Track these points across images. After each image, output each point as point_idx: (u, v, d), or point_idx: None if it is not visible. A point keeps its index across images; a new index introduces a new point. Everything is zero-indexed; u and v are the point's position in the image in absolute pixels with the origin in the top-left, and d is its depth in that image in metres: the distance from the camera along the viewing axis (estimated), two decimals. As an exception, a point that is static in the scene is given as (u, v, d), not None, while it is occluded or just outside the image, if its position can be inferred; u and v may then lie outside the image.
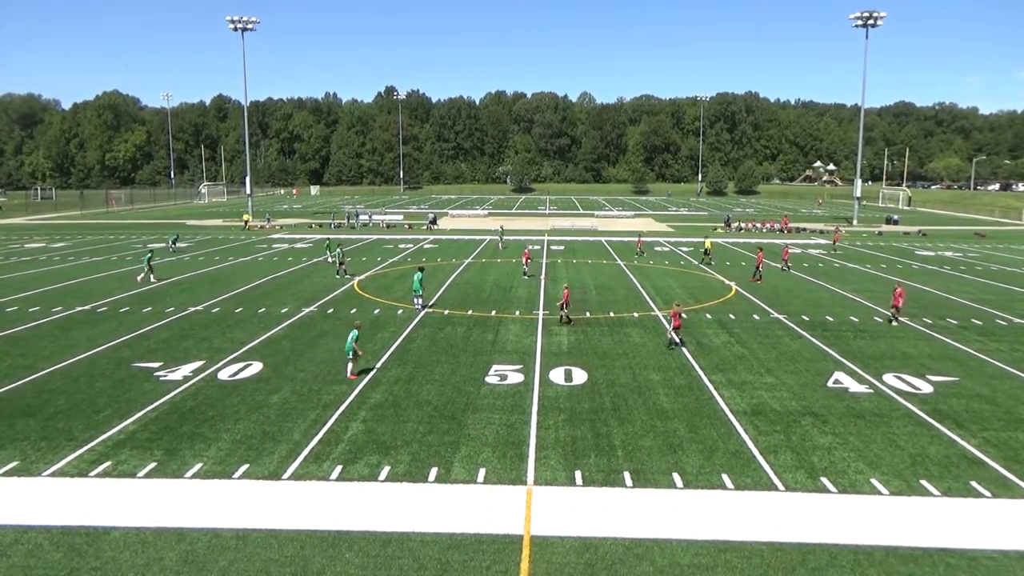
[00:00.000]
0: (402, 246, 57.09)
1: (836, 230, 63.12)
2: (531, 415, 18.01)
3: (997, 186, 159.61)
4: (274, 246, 57.06)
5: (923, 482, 14.40)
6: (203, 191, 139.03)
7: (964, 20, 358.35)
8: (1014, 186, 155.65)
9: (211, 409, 18.24)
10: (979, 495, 13.90)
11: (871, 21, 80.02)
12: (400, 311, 30.62)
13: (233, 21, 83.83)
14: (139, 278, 37.78)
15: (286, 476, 14.40)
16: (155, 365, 22.11)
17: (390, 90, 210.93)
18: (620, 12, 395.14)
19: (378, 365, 22.36)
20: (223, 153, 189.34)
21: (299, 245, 57.22)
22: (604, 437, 16.62)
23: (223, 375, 21.19)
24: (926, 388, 20.47)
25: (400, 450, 15.74)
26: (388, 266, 45.21)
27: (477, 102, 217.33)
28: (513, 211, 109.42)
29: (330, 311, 30.65)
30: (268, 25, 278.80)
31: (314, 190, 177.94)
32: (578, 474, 14.60)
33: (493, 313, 30.31)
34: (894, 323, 28.78)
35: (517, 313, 30.39)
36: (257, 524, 12.44)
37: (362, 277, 40.04)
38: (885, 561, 11.50)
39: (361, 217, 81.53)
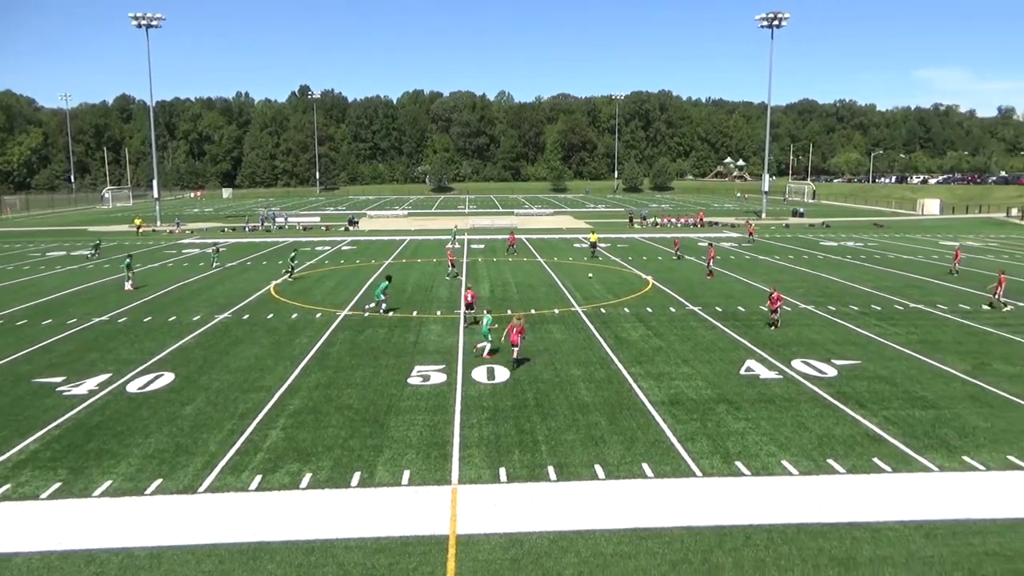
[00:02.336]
0: (320, 248, 56.01)
1: (747, 223, 65.49)
2: (455, 415, 17.98)
3: (893, 179, 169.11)
4: (184, 251, 55.04)
5: (830, 461, 15.12)
6: (107, 196, 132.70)
7: (863, 22, 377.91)
8: (909, 179, 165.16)
9: (120, 424, 17.45)
10: (881, 471, 14.69)
11: (776, 22, 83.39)
12: (319, 315, 30.04)
13: (137, 18, 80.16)
14: (127, 287, 36.41)
15: (202, 489, 13.92)
16: (57, 380, 20.98)
17: (304, 89, 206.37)
18: (536, 11, 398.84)
19: (297, 371, 21.88)
20: (128, 156, 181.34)
21: (210, 250, 55.35)
22: (528, 433, 16.75)
23: (132, 387, 20.31)
24: (831, 372, 21.48)
25: (322, 456, 15.45)
26: (305, 269, 44.26)
27: (395, 101, 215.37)
28: (433, 211, 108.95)
29: (245, 317, 29.79)
30: (174, 22, 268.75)
31: (226, 193, 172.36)
32: (503, 471, 14.68)
33: (415, 314, 30.11)
34: (771, 318, 30.01)
35: (439, 313, 30.27)
36: (172, 541, 11.98)
37: (278, 281, 39.08)
38: (796, 538, 12.02)
39: (277, 220, 79.53)
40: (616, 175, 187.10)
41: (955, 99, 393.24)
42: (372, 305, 30.76)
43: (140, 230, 72.37)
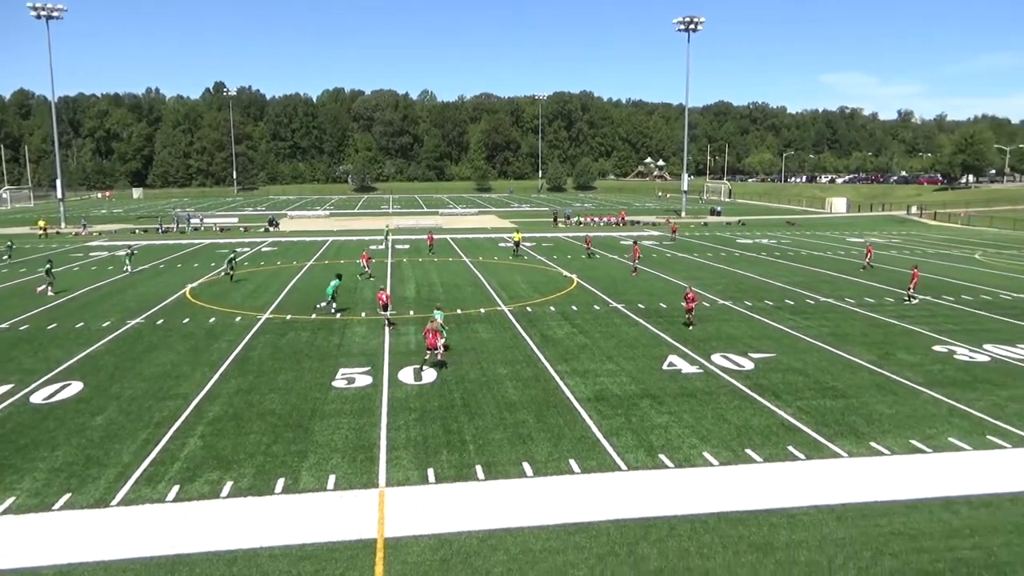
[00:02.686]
0: (238, 250, 54.31)
1: (667, 221, 67.12)
2: (381, 417, 17.78)
3: (804, 178, 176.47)
4: (92, 254, 52.50)
5: (748, 451, 15.66)
6: (4, 196, 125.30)
7: (774, 28, 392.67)
8: (818, 178, 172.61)
9: (23, 437, 16.52)
10: (795, 458, 15.32)
11: (692, 26, 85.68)
12: (238, 318, 29.18)
13: (36, 8, 75.78)
14: (44, 291, 34.51)
15: (115, 502, 13.32)
16: (-48, 392, 19.69)
17: (219, 86, 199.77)
18: (457, 11, 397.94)
19: (215, 377, 21.19)
20: (27, 154, 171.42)
21: (120, 253, 52.96)
22: (455, 433, 16.72)
23: (36, 398, 19.25)
24: (748, 365, 22.25)
25: (243, 464, 15.01)
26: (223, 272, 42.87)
27: (315, 100, 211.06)
28: (356, 211, 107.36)
29: (160, 322, 28.66)
30: (77, 13, 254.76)
31: (136, 193, 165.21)
32: (431, 472, 14.60)
33: (338, 316, 29.59)
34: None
35: (363, 315, 29.86)
36: (83, 557, 11.42)
37: (195, 284, 37.74)
38: (717, 527, 12.40)
39: (192, 221, 76.77)
40: (540, 175, 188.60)
41: (859, 102, 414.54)
42: (323, 304, 30.33)
43: (45, 232, 68.57)
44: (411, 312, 30.37)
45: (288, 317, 29.32)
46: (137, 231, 71.88)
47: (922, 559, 11.43)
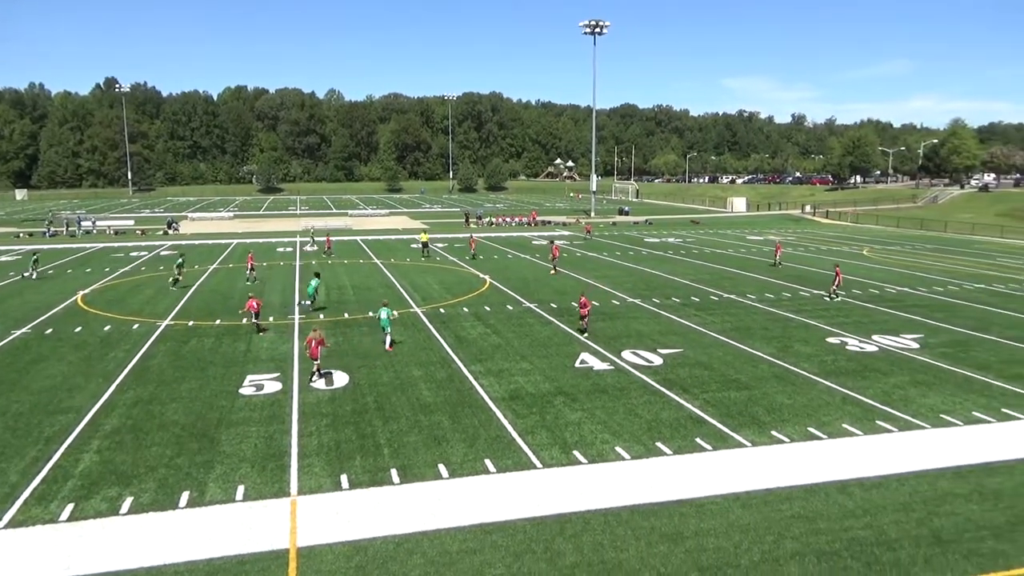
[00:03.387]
0: (135, 254, 51.80)
1: (578, 221, 68.20)
2: (292, 424, 17.33)
3: (707, 179, 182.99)
4: (-29, 261, 48.86)
5: (658, 444, 16.11)
6: None
7: (676, 33, 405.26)
8: (719, 179, 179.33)
9: None
10: (703, 449, 15.86)
11: (598, 29, 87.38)
12: (136, 325, 27.81)
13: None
14: None
15: (2, 525, 12.45)
16: None
17: (111, 82, 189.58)
18: (363, 9, 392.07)
19: (112, 388, 20.12)
20: None
21: (3, 258, 49.59)
22: (369, 437, 16.47)
23: (-92, 417, 17.77)
24: (657, 360, 22.89)
25: (144, 478, 14.32)
26: (118, 277, 40.81)
27: (215, 97, 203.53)
28: (262, 212, 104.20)
29: (48, 331, 26.97)
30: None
31: (20, 194, 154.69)
32: (344, 478, 14.34)
33: (245, 321, 28.66)
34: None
35: (271, 319, 29.02)
36: (-35, 586, 10.63)
37: (87, 291, 35.73)
38: (631, 519, 12.70)
39: (83, 224, 72.61)
40: (451, 175, 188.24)
41: (757, 106, 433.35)
42: (309, 303, 30.66)
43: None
44: (321, 316, 29.73)
45: (191, 323, 28.16)
46: (21, 235, 67.42)
47: (820, 540, 12.05)
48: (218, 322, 28.37)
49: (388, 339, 24.37)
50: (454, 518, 12.68)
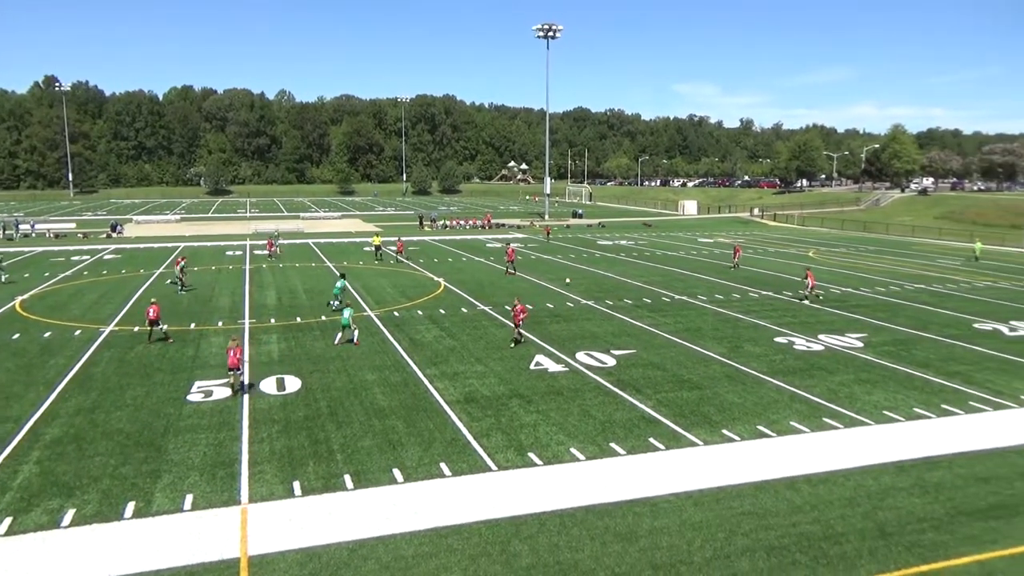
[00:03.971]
0: (76, 259, 50.17)
1: (532, 224, 68.41)
2: (242, 430, 17.00)
3: (658, 182, 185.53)
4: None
5: (612, 444, 16.26)
6: None
7: (629, 38, 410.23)
8: (671, 182, 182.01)
9: None
10: (656, 449, 16.06)
11: (551, 33, 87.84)
12: (78, 332, 26.95)
13: None
14: None
15: (-66, 541, 11.94)
16: None
17: (50, 80, 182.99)
18: (314, 9, 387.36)
19: (52, 396, 19.46)
20: None
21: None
22: (322, 443, 16.26)
23: None
24: (610, 362, 23.10)
25: (87, 489, 13.88)
26: (59, 282, 39.49)
27: (160, 97, 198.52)
28: (210, 215, 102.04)
29: (-15, 339, 25.96)
30: None
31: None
32: (296, 484, 14.12)
33: (192, 326, 28.02)
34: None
35: (220, 324, 28.43)
36: None
37: (25, 296, 34.49)
38: (585, 519, 12.79)
39: (21, 227, 70.08)
40: (404, 178, 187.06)
41: (707, 111, 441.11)
42: (336, 304, 30.73)
43: None
44: (272, 320, 29.24)
45: (136, 329, 27.42)
46: (-45, 239, 64.73)
47: (769, 536, 12.31)
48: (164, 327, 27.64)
49: (356, 335, 25.12)
50: (409, 522, 12.59)
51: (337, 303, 30.77)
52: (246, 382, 20.26)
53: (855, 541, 12.16)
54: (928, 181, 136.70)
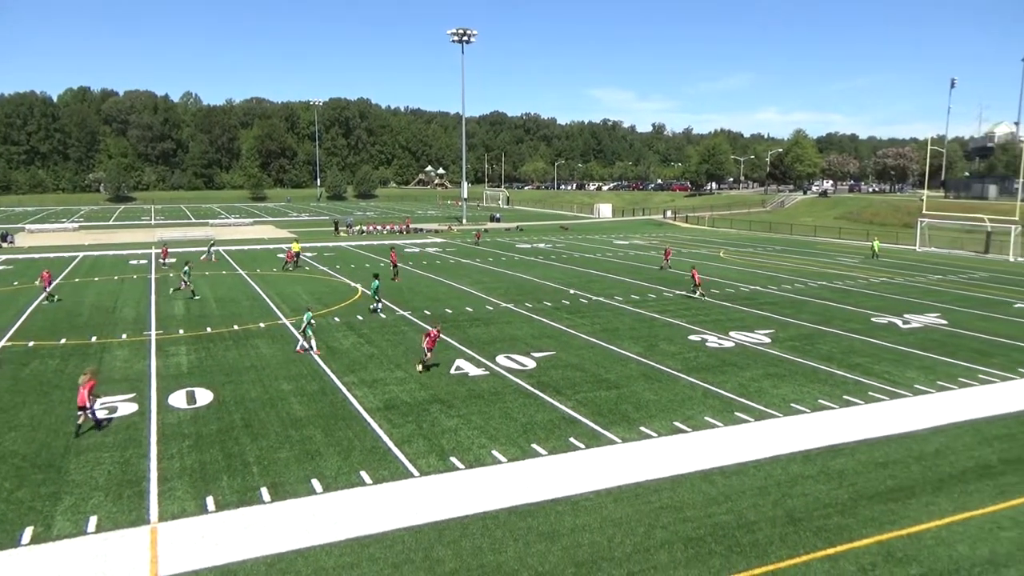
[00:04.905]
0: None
1: (450, 228, 68.21)
2: (150, 447, 16.27)
3: (574, 185, 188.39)
4: None
5: (534, 445, 16.38)
6: None
7: (544, 42, 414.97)
8: (586, 185, 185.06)
9: None
10: (576, 448, 16.28)
11: (466, 37, 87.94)
12: (-34, 349, 25.20)
13: None
14: None
15: None
16: None
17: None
18: (220, 10, 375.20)
19: (-62, 418, 18.12)
20: None
21: None
22: (237, 456, 15.74)
23: None
24: (531, 364, 23.28)
25: (-22, 515, 12.99)
26: (-55, 296, 36.81)
27: (55, 99, 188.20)
28: (112, 223, 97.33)
29: None
30: None
31: None
32: (210, 500, 13.62)
33: (94, 339, 26.65)
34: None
35: (124, 336, 27.15)
36: None
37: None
38: (508, 521, 12.83)
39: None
40: (319, 183, 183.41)
41: (620, 115, 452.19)
42: (379, 305, 31.76)
43: None
44: (181, 331, 28.12)
45: (31, 344, 25.86)
46: None
47: (687, 527, 12.66)
48: (63, 341, 26.23)
49: (313, 342, 24.81)
50: (329, 533, 12.34)
51: (379, 305, 31.83)
52: (99, 417, 17.50)
53: (766, 528, 12.65)
54: (828, 183, 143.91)
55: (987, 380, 21.95)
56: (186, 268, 37.24)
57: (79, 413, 17.04)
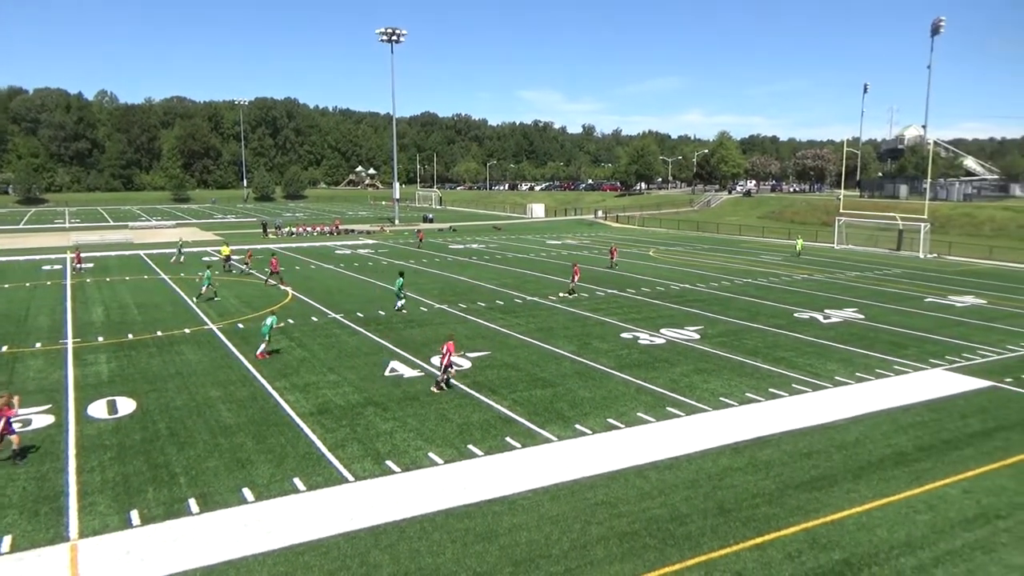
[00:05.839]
0: None
1: (382, 229, 67.43)
2: (68, 460, 15.55)
3: (507, 186, 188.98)
4: None
5: (470, 446, 16.36)
6: None
7: (474, 43, 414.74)
8: (519, 186, 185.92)
9: None
10: (513, 448, 16.33)
11: (395, 37, 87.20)
12: None
13: None
14: None
15: None
16: None
17: None
18: (137, 5, 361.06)
19: None
20: None
21: None
22: (163, 467, 15.19)
23: None
24: (466, 364, 23.23)
25: None
26: None
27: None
28: (21, 226, 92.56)
29: None
30: None
31: None
32: (135, 513, 13.10)
33: (4, 349, 25.32)
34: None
35: (38, 345, 25.88)
36: None
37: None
38: (445, 523, 12.78)
39: None
40: (245, 184, 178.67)
41: (551, 117, 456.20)
42: (402, 303, 32.10)
43: None
44: (100, 339, 26.97)
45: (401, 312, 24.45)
46: None
47: (622, 522, 12.87)
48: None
49: (263, 346, 24.18)
50: (262, 543, 12.04)
51: (403, 303, 32.09)
52: (15, 448, 15.55)
53: (699, 520, 12.97)
54: (751, 184, 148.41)
55: (902, 371, 23.06)
56: (207, 273, 36.04)
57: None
